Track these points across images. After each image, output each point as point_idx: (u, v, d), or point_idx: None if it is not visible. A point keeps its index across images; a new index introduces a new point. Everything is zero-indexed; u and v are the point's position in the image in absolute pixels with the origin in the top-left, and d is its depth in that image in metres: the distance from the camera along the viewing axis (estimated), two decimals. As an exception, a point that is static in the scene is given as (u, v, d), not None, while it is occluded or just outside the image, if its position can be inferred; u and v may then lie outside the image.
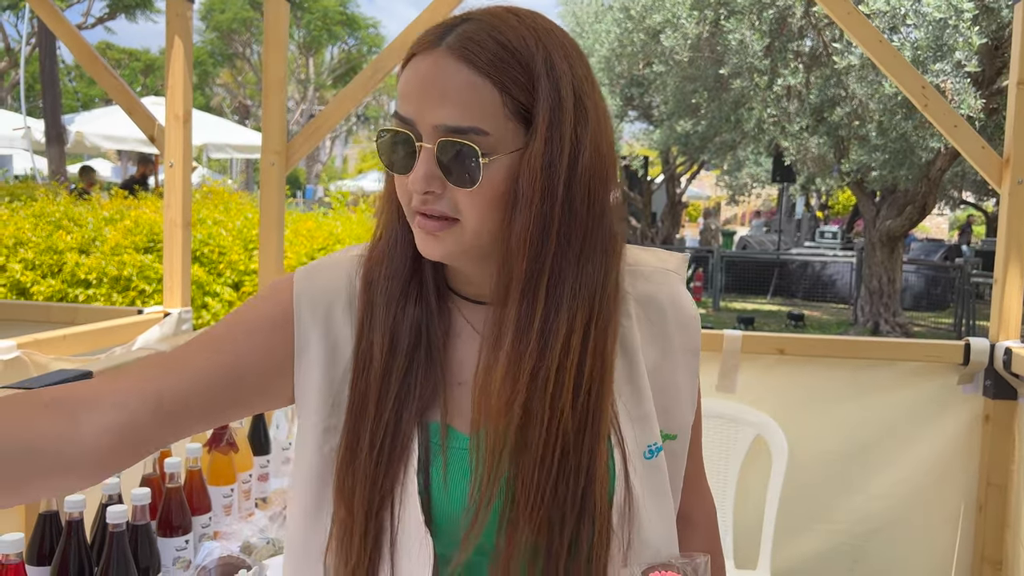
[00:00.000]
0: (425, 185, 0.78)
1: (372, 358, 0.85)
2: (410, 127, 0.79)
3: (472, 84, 0.77)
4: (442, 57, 0.78)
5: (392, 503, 0.82)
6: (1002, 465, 2.46)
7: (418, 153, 0.79)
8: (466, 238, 0.81)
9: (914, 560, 2.58)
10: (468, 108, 0.77)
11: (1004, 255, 2.46)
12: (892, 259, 9.53)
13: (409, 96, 0.79)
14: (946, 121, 2.53)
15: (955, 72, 6.13)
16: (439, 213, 0.79)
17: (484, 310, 0.87)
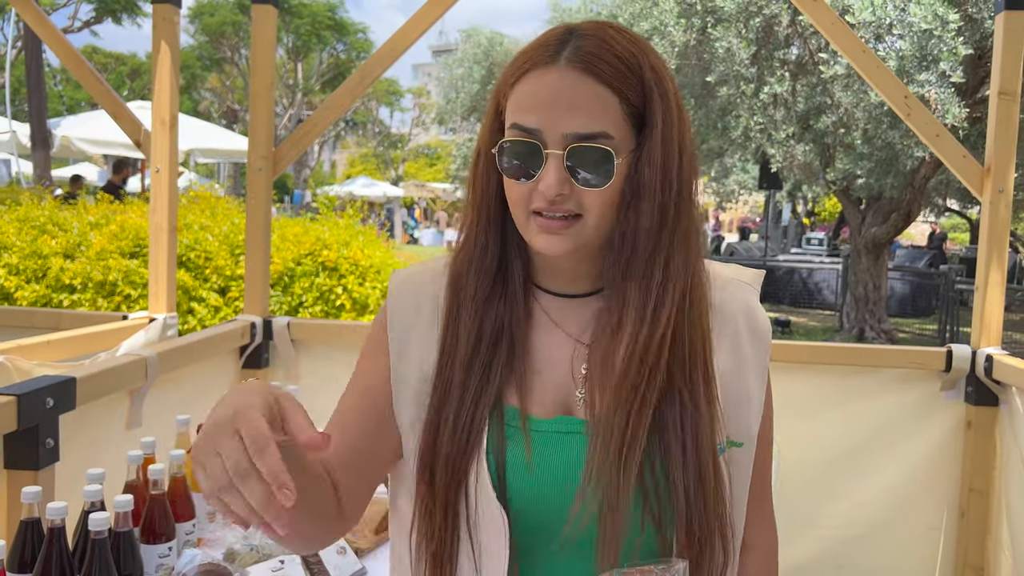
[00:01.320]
0: (558, 189, 0.86)
1: (458, 350, 0.92)
2: (536, 136, 0.87)
3: (597, 94, 0.86)
4: (566, 70, 0.86)
5: (468, 480, 0.88)
6: (984, 471, 2.48)
7: (546, 160, 0.86)
8: (587, 233, 0.89)
9: (898, 566, 2.60)
10: (596, 115, 0.86)
11: (985, 262, 2.48)
12: (877, 266, 9.60)
13: (534, 108, 0.87)
14: (928, 130, 2.55)
15: (940, 82, 6.19)
16: (566, 213, 0.88)
17: (565, 303, 0.96)
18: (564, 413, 0.92)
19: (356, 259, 5.31)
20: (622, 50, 0.88)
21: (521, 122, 0.88)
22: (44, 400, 1.59)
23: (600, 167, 0.86)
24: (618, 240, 0.89)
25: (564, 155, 0.86)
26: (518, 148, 0.88)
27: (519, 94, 0.89)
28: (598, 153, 0.86)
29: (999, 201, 2.47)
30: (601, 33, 0.89)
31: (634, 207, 0.88)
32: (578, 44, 0.87)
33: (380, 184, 30.20)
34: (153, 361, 2.02)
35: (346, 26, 27.55)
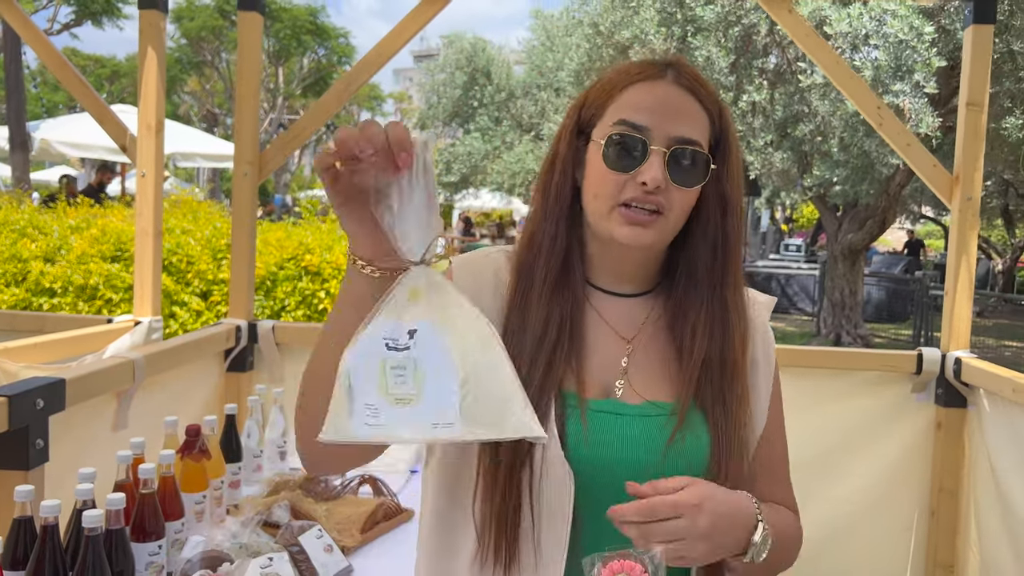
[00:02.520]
0: (661, 180, 0.99)
1: (526, 330, 1.02)
2: (643, 133, 1.01)
3: (698, 110, 1.03)
4: (674, 85, 1.03)
5: (534, 451, 0.97)
6: (953, 471, 2.55)
7: (649, 156, 1.00)
8: (667, 230, 1.03)
9: (871, 564, 2.66)
10: (696, 126, 1.02)
11: (954, 268, 2.56)
12: (853, 272, 9.74)
13: (645, 109, 1.01)
14: (900, 140, 2.63)
15: (914, 92, 6.31)
16: (655, 205, 1.00)
17: (614, 301, 1.10)
18: (607, 397, 1.05)
19: (339, 263, 5.33)
20: (709, 83, 1.07)
21: (631, 119, 1.01)
22: (35, 401, 1.61)
23: (695, 170, 1.01)
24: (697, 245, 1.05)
25: (667, 153, 1.00)
26: (626, 141, 1.01)
27: (628, 99, 1.03)
28: (695, 156, 1.01)
29: (967, 209, 2.55)
30: (693, 68, 1.08)
31: (719, 217, 1.04)
32: (679, 70, 1.05)
33: (361, 189, 30.08)
34: (140, 364, 2.04)
35: (327, 31, 27.49)
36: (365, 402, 0.72)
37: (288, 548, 1.56)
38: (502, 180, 14.83)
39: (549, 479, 0.98)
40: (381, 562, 1.72)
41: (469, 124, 16.06)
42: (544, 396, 0.99)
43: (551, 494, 0.98)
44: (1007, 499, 2.22)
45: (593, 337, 1.08)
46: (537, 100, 15.16)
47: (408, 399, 0.71)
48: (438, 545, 1.09)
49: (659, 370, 1.06)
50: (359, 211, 0.83)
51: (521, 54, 16.23)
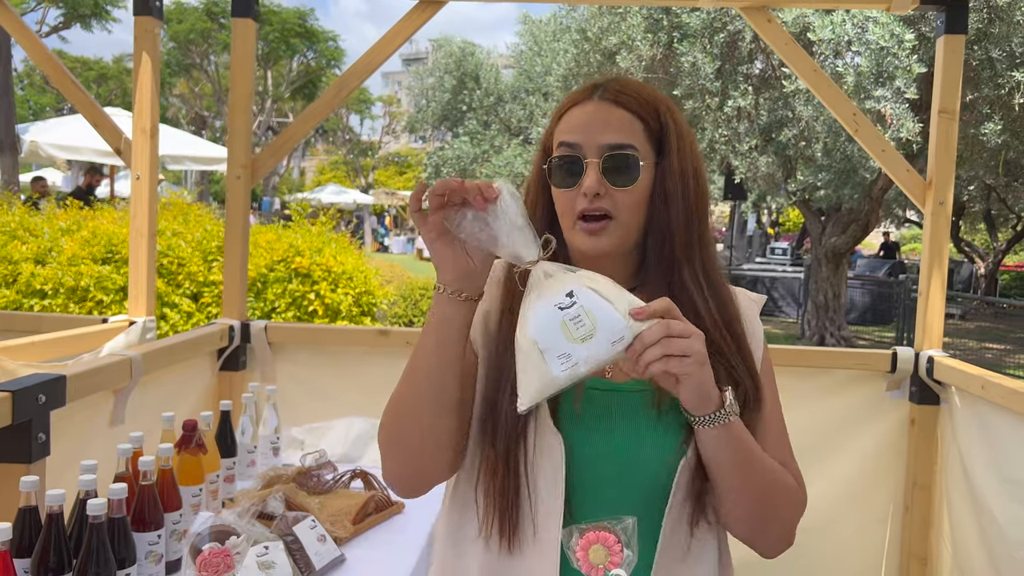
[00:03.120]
0: (596, 187, 1.10)
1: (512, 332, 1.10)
2: (577, 150, 1.13)
3: (623, 117, 1.14)
4: (601, 102, 1.15)
5: (528, 431, 1.08)
6: (927, 467, 2.63)
7: (586, 168, 1.12)
8: (620, 231, 1.13)
9: (847, 557, 2.73)
10: (623, 132, 1.13)
11: (927, 270, 2.64)
12: (837, 275, 9.86)
13: (577, 129, 1.15)
14: (875, 146, 2.72)
15: (895, 98, 6.43)
16: (601, 211, 1.11)
17: None
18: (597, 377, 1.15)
19: (328, 266, 5.38)
20: (640, 89, 1.18)
21: (566, 139, 1.15)
22: (37, 396, 1.66)
23: (629, 171, 1.12)
24: (655, 238, 1.15)
25: (600, 162, 1.12)
26: (564, 161, 1.14)
27: (563, 123, 1.17)
28: (626, 159, 1.12)
29: (940, 213, 2.64)
30: (623, 80, 1.19)
31: (664, 209, 1.14)
32: (606, 86, 1.17)
33: (350, 191, 30.13)
34: (138, 361, 2.09)
35: (316, 34, 27.51)
36: (558, 354, 0.94)
37: (283, 537, 1.62)
38: (491, 183, 14.87)
39: (543, 453, 1.08)
40: (373, 553, 1.78)
41: (458, 128, 16.13)
42: None
43: (545, 468, 1.08)
44: (977, 493, 2.30)
45: None
46: (525, 104, 15.25)
47: (590, 335, 0.94)
48: (450, 527, 1.19)
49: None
50: (448, 243, 1.03)
51: (510, 59, 16.33)
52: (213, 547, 0.98)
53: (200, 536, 0.97)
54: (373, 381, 2.85)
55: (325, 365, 2.82)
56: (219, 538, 0.98)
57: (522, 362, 0.96)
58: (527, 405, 0.96)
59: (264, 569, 1.50)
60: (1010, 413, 2.13)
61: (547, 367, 0.94)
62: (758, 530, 1.18)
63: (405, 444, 1.09)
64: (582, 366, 0.93)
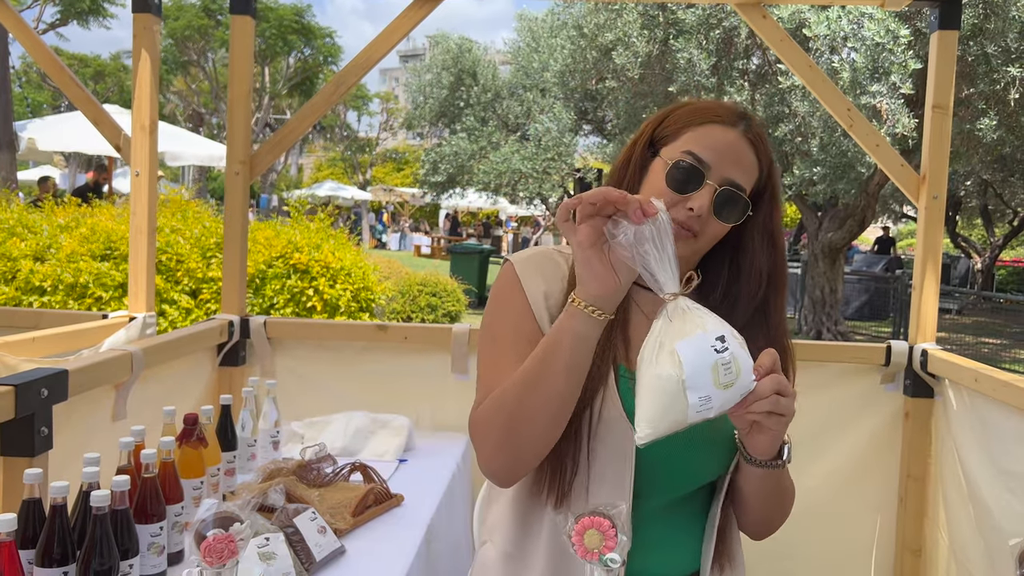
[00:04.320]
0: (704, 210, 1.18)
1: None
2: (704, 167, 1.20)
3: (753, 162, 1.23)
4: (741, 137, 1.22)
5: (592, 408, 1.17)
6: (920, 459, 2.66)
7: (703, 186, 1.19)
8: (694, 249, 1.22)
9: (840, 547, 2.75)
10: (747, 176, 1.22)
11: (921, 264, 2.66)
12: (833, 270, 9.89)
13: (713, 148, 1.21)
14: (869, 141, 2.73)
15: (891, 93, 6.45)
16: (692, 229, 1.19)
17: (651, 296, 1.21)
18: None
19: (327, 262, 5.40)
20: (767, 143, 1.27)
21: (699, 153, 1.20)
22: (39, 391, 1.68)
23: (734, 210, 1.20)
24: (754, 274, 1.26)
25: (718, 190, 1.19)
26: (689, 169, 1.20)
27: (701, 134, 1.22)
28: (738, 200, 1.21)
29: (934, 207, 2.66)
30: (761, 126, 1.29)
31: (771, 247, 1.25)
32: (752, 126, 1.25)
33: (348, 188, 30.12)
34: (138, 356, 2.11)
35: (313, 30, 27.47)
36: (701, 394, 0.95)
37: (284, 529, 1.64)
38: (488, 180, 14.91)
39: (608, 433, 1.17)
40: (372, 544, 1.80)
41: (455, 124, 16.13)
42: (604, 364, 1.20)
43: (610, 446, 1.17)
44: (972, 484, 2.32)
45: (636, 325, 1.27)
46: (523, 100, 15.26)
47: (732, 383, 0.97)
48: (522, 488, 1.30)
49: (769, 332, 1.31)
50: (600, 254, 1.02)
51: (507, 55, 16.32)
52: (217, 533, 1.00)
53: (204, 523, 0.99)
54: (372, 376, 2.90)
55: (324, 360, 2.84)
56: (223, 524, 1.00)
57: (654, 392, 0.96)
58: (650, 439, 0.97)
59: (265, 560, 1.52)
60: (1003, 405, 2.16)
61: (686, 404, 0.95)
62: (767, 529, 1.36)
63: (519, 449, 1.13)
64: (714, 410, 0.96)
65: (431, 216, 34.38)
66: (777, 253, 1.27)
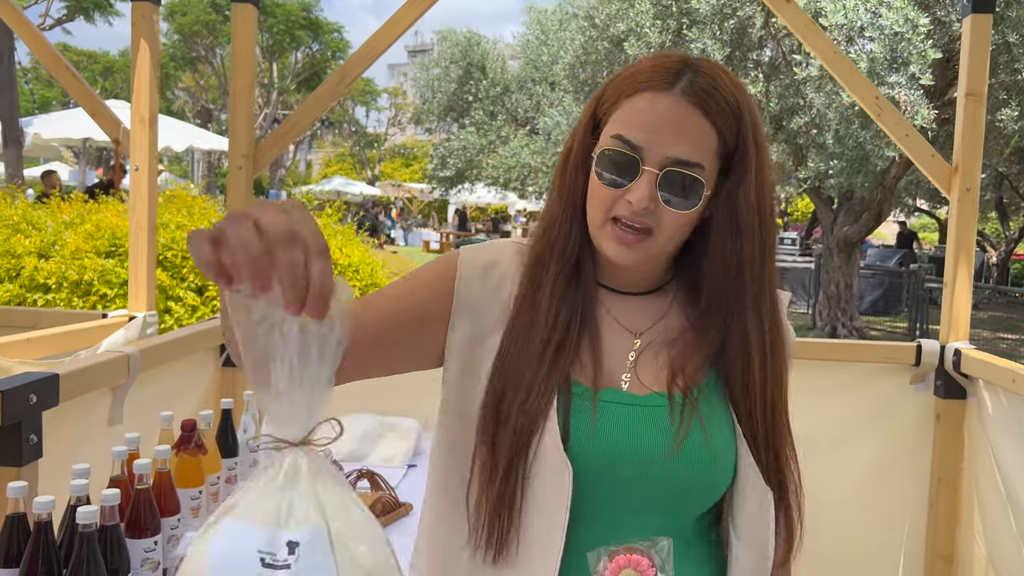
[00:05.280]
0: (647, 203, 0.95)
1: (535, 325, 1.02)
2: (637, 152, 0.96)
3: (702, 129, 0.96)
4: (679, 100, 0.96)
5: (529, 444, 0.96)
6: (952, 462, 2.54)
7: (640, 175, 0.96)
8: (655, 249, 1.00)
9: (866, 553, 2.65)
10: (696, 147, 0.96)
11: (953, 259, 2.55)
12: (849, 265, 9.75)
13: (642, 126, 0.96)
14: (898, 130, 2.62)
15: (909, 84, 6.31)
16: (643, 225, 0.97)
17: (622, 299, 1.09)
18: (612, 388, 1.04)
19: (335, 258, 5.31)
20: (729, 94, 0.98)
21: (627, 136, 0.97)
22: (27, 396, 1.59)
23: (688, 194, 0.97)
24: (719, 270, 1.01)
25: (660, 175, 0.96)
26: (618, 158, 0.97)
27: (629, 109, 0.98)
28: (690, 181, 0.96)
29: (966, 199, 2.54)
30: (714, 73, 0.99)
31: (734, 238, 1.00)
32: (693, 79, 0.97)
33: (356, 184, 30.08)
34: (135, 358, 2.02)
35: (321, 25, 27.42)
36: None
37: (286, 543, 1.54)
38: (497, 174, 14.80)
39: (545, 470, 0.96)
40: (380, 557, 1.71)
41: (464, 119, 16.03)
42: (548, 388, 0.99)
43: (547, 485, 0.96)
44: (1011, 490, 2.21)
45: (601, 333, 1.07)
46: (532, 94, 15.13)
47: None
48: (436, 538, 1.09)
49: (668, 364, 1.04)
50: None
51: (515, 48, 16.19)
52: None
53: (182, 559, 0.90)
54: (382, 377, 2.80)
55: (330, 360, 2.74)
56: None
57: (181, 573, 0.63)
58: None
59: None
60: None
61: None
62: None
63: None
64: None
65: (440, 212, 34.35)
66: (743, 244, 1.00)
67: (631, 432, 0.99)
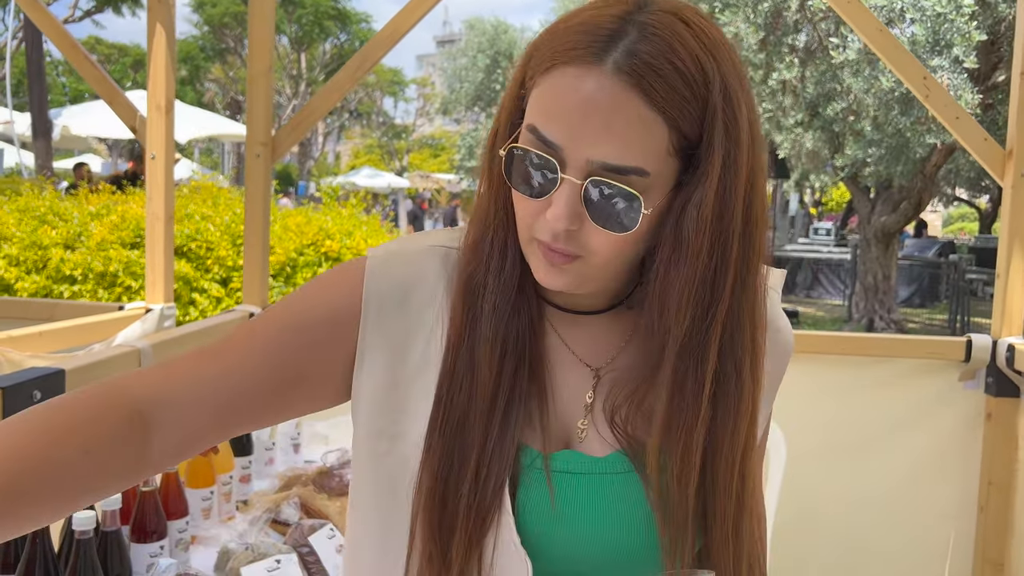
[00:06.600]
0: (566, 223, 0.69)
1: (476, 374, 0.76)
2: (555, 153, 0.69)
3: (642, 120, 0.66)
4: (610, 80, 0.66)
5: (484, 539, 0.75)
6: (1004, 464, 2.42)
7: (559, 184, 0.69)
8: (591, 272, 0.73)
9: (909, 551, 2.54)
10: (633, 146, 0.67)
11: (1007, 250, 2.41)
12: (887, 255, 9.51)
13: (560, 117, 0.68)
14: (948, 113, 2.47)
15: (953, 67, 6.08)
16: (568, 251, 0.71)
17: (574, 320, 0.82)
18: (565, 448, 0.80)
19: (359, 249, 5.25)
20: (690, 63, 0.67)
21: (542, 130, 0.69)
22: (31, 393, 1.52)
23: (623, 211, 0.69)
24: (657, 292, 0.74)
25: (583, 185, 0.69)
26: (532, 159, 0.70)
27: (546, 90, 0.69)
28: (623, 194, 0.68)
29: (1021, 186, 2.39)
30: (668, 32, 0.67)
31: (675, 264, 0.71)
32: (635, 46, 0.66)
33: (385, 175, 30.13)
34: (147, 353, 1.95)
35: (349, 15, 27.46)
36: None
37: (297, 549, 1.47)
38: (525, 164, 14.68)
39: (501, 569, 0.76)
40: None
41: (492, 108, 15.92)
42: (501, 461, 0.75)
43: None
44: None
45: (555, 368, 0.81)
46: (560, 83, 14.96)
47: None
48: None
49: (631, 406, 0.78)
50: None
51: (544, 36, 16.03)
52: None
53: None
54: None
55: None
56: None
57: None
58: None
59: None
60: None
61: None
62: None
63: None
64: None
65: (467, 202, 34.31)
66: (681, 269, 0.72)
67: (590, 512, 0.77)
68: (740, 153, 0.69)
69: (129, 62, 27.87)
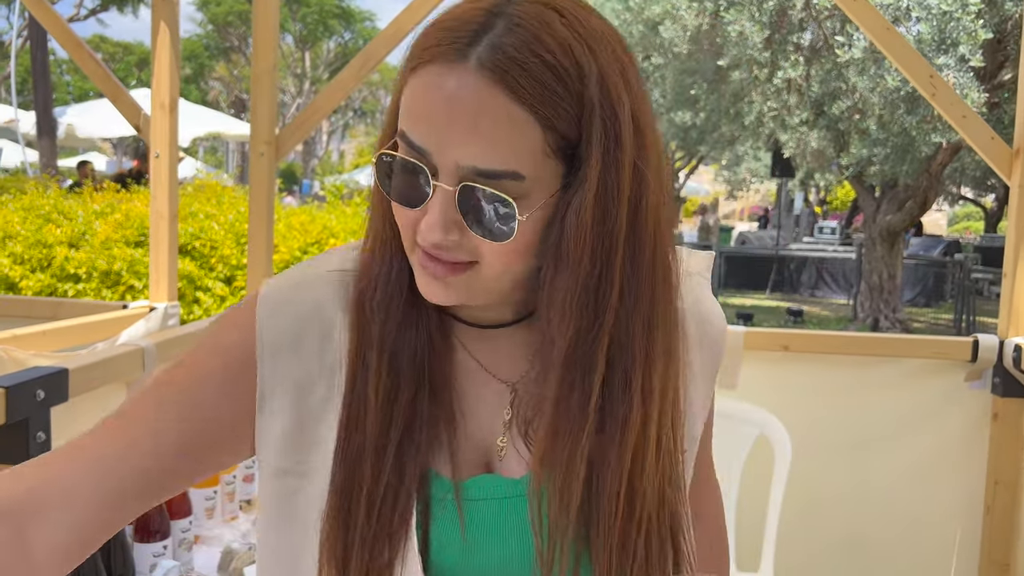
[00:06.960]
0: (443, 233, 0.65)
1: (368, 401, 0.72)
2: (425, 159, 0.65)
3: (511, 119, 0.62)
4: (473, 77, 0.62)
5: (392, 569, 0.71)
6: (1010, 464, 2.41)
7: (432, 192, 0.65)
8: (483, 283, 0.68)
9: (913, 552, 2.54)
10: (503, 148, 0.62)
11: (1015, 249, 2.39)
12: (892, 254, 9.48)
13: (425, 119, 0.64)
14: (954, 111, 2.46)
15: (958, 66, 6.06)
16: (454, 260, 0.67)
17: (482, 334, 0.77)
18: (485, 471, 0.76)
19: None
20: (561, 55, 0.62)
21: (409, 134, 0.65)
22: (35, 392, 1.53)
23: (499, 217, 0.64)
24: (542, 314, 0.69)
25: (456, 192, 0.64)
26: (403, 166, 0.66)
27: (411, 92, 0.65)
28: (498, 201, 0.63)
29: (1029, 184, 2.38)
30: (536, 22, 0.63)
31: (555, 274, 0.66)
32: (499, 40, 0.62)
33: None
34: (151, 352, 1.95)
35: (353, 14, 27.47)
36: None
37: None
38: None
39: None
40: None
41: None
42: (400, 491, 0.72)
43: None
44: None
45: (466, 387, 0.77)
46: (565, 81, 14.94)
47: None
48: None
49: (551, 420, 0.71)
50: None
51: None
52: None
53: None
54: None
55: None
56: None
57: None
58: None
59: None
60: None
61: None
62: None
63: None
64: None
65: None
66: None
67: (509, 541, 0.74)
68: (622, 152, 0.64)
69: (133, 60, 27.92)
